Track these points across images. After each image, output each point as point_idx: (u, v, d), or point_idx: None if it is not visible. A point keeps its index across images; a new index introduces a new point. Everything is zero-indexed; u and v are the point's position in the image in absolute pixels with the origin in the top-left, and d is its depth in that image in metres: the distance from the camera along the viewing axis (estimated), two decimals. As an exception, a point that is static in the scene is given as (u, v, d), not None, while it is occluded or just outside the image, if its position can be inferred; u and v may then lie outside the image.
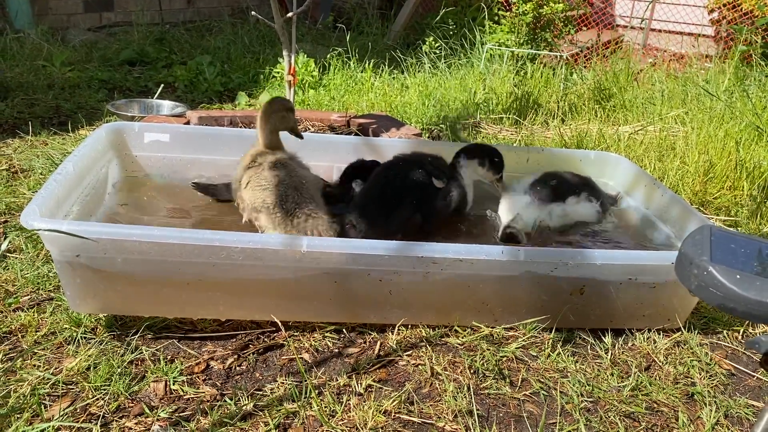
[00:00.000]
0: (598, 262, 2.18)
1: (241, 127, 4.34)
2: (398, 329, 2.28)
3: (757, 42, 6.03)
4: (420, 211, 2.55)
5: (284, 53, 3.77)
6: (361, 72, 6.09)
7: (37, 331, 2.16)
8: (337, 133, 4.29)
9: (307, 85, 5.82)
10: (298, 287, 2.13)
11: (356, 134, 4.31)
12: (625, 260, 2.21)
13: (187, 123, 4.18)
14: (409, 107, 5.15)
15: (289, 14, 3.68)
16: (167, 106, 4.65)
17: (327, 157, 2.96)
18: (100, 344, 2.11)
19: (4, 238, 2.63)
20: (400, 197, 2.52)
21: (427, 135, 4.45)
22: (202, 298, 2.13)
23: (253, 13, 3.89)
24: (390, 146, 3.04)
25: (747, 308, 1.11)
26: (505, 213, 2.82)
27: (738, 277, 1.12)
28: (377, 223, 2.48)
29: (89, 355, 2.03)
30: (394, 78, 6.22)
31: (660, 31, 8.61)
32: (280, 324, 2.18)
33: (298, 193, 2.44)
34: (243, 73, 6.17)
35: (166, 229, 1.96)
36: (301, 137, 2.72)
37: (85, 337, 2.14)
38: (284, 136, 2.70)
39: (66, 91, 5.22)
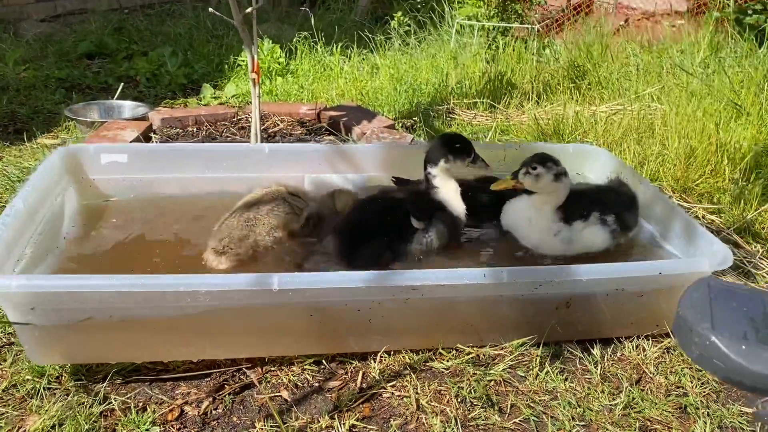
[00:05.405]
0: (583, 278, 2.09)
1: (206, 126, 4.18)
2: (380, 357, 2.18)
3: (729, 6, 5.91)
4: (391, 250, 2.43)
5: (246, 51, 3.59)
6: (330, 55, 5.91)
7: (-3, 385, 2.04)
8: (308, 129, 4.15)
9: (274, 73, 5.63)
10: (272, 323, 2.03)
11: (327, 129, 4.17)
12: (610, 274, 2.13)
13: (150, 126, 4.02)
14: (380, 93, 5.00)
15: (249, 9, 3.49)
16: (128, 107, 4.44)
17: (298, 167, 2.82)
18: (66, 396, 1.99)
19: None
20: (372, 234, 2.40)
21: (400, 125, 4.32)
22: (171, 340, 2.02)
23: (210, 9, 3.69)
24: (363, 153, 2.91)
25: (755, 382, 1.02)
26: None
27: (743, 348, 1.03)
28: (345, 256, 2.37)
29: (54, 413, 1.91)
30: (363, 59, 6.04)
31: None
32: (255, 363, 2.08)
33: None
34: (207, 63, 5.96)
35: (126, 277, 1.83)
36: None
37: (49, 388, 2.02)
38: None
39: (21, 93, 4.99)
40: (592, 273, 2.11)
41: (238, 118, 4.31)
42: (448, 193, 2.65)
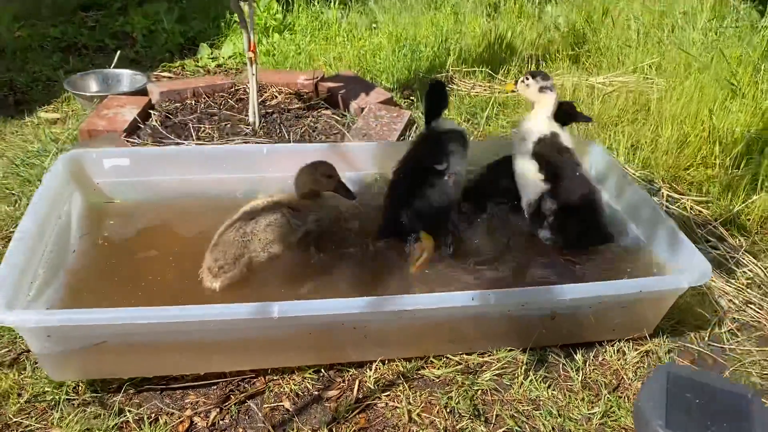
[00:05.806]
0: (567, 297, 2.21)
1: (204, 98, 4.20)
2: (375, 366, 2.33)
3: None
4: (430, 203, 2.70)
5: (242, 31, 3.58)
6: (327, 9, 5.82)
7: (19, 396, 2.19)
8: (305, 103, 4.17)
9: (271, 29, 5.57)
10: (275, 341, 2.17)
11: (324, 104, 4.19)
12: (594, 292, 2.25)
13: (149, 102, 4.04)
14: (379, 56, 4.97)
15: (244, -10, 3.46)
16: (126, 76, 4.44)
17: (296, 167, 2.89)
18: (84, 408, 2.14)
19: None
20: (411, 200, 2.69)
21: (398, 96, 4.33)
22: (180, 358, 2.16)
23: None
24: (360, 151, 2.98)
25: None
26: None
27: (692, 449, 1.16)
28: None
29: (75, 427, 2.06)
30: (362, 7, 5.96)
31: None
32: (259, 371, 2.23)
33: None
34: (204, 17, 5.87)
35: (135, 310, 1.95)
36: (352, 197, 2.72)
37: (68, 399, 2.18)
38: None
39: (18, 57, 4.97)
40: (576, 293, 2.22)
41: (236, 88, 4.32)
42: (449, 123, 3.01)
